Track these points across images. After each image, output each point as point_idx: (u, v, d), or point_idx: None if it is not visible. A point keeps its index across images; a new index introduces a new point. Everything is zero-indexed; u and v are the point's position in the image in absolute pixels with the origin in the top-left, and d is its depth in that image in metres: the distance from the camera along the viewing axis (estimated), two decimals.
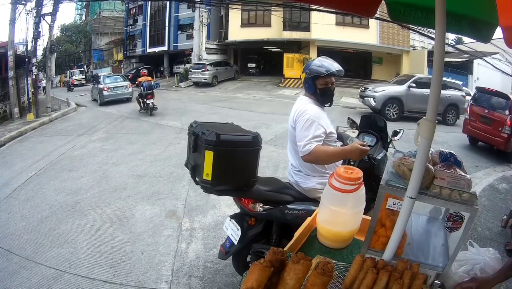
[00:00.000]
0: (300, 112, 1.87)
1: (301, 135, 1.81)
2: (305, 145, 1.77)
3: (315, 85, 1.92)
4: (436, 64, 0.95)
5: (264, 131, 6.74)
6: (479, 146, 7.02)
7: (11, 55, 9.41)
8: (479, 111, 6.59)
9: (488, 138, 6.36)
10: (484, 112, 6.46)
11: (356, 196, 1.22)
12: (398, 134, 2.43)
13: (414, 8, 1.37)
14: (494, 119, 6.20)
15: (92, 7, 29.66)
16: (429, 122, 0.95)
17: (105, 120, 8.97)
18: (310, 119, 1.80)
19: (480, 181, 4.84)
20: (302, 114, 1.85)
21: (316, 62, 1.92)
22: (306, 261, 0.82)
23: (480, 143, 6.94)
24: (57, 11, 11.02)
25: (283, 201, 1.92)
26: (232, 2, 13.68)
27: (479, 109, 6.62)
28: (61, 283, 2.35)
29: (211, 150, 1.56)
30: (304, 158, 1.80)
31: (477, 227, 3.31)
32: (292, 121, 1.92)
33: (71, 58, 32.11)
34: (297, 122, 1.86)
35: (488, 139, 6.38)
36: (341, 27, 16.40)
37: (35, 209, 3.61)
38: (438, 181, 0.99)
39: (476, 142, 7.05)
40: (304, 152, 1.77)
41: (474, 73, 18.11)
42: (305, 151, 1.76)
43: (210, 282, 2.35)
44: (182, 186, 4.13)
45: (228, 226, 2.00)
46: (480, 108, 6.60)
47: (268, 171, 4.56)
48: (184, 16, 20.90)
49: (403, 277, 0.91)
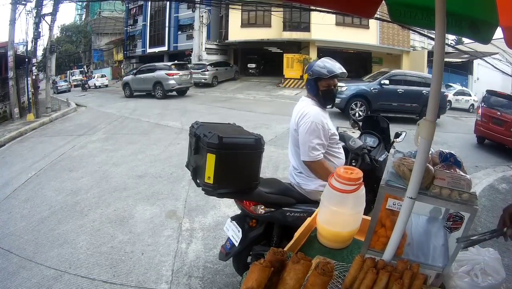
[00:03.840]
0: (302, 114, 1.87)
1: (305, 139, 1.81)
2: (312, 149, 1.78)
3: (317, 87, 1.91)
4: (436, 64, 0.96)
5: (264, 131, 6.74)
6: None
7: (11, 56, 9.41)
8: (491, 113, 7.07)
9: (500, 139, 6.81)
10: (496, 114, 6.94)
11: (356, 196, 1.22)
12: (400, 136, 2.43)
13: (415, 9, 1.37)
14: (506, 121, 6.65)
15: (92, 7, 29.68)
16: (429, 122, 0.95)
17: (105, 120, 8.97)
18: (314, 122, 1.81)
19: (480, 181, 4.84)
20: (305, 116, 1.85)
21: (319, 64, 1.91)
22: (306, 261, 0.82)
23: (486, 141, 7.44)
24: (57, 11, 11.05)
25: (284, 203, 1.91)
26: (232, 3, 13.68)
27: (491, 111, 7.12)
28: (61, 284, 2.35)
29: (213, 153, 1.54)
30: (307, 162, 1.81)
31: (477, 227, 3.30)
32: (295, 124, 1.91)
33: (71, 59, 32.13)
34: (300, 125, 1.86)
35: (500, 139, 6.85)
36: (341, 28, 16.41)
37: (35, 209, 3.61)
38: (438, 181, 0.99)
39: (483, 141, 7.53)
40: (311, 158, 1.79)
41: (474, 73, 18.14)
42: (312, 157, 1.79)
43: (210, 282, 2.35)
44: (182, 186, 4.13)
45: (229, 227, 1.99)
46: (492, 110, 7.11)
47: (268, 171, 4.56)
48: (184, 17, 20.91)
49: (403, 277, 0.91)
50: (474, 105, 15.84)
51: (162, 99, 12.88)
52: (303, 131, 1.83)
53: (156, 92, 12.64)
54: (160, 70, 12.71)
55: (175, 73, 12.25)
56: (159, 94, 12.51)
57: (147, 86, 12.95)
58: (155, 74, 12.62)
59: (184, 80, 12.68)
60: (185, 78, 12.67)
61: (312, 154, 1.80)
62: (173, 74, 12.17)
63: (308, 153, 1.82)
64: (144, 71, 13.59)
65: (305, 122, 1.83)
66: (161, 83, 12.21)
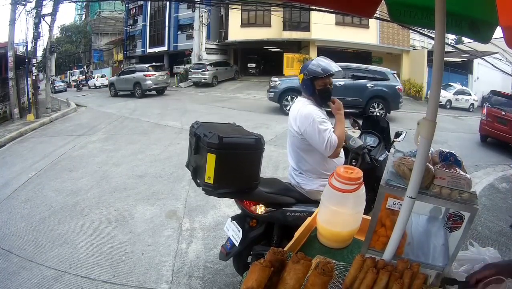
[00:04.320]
0: (302, 116, 1.85)
1: (319, 139, 1.80)
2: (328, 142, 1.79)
3: (313, 86, 1.90)
4: (436, 64, 0.95)
5: (264, 131, 6.74)
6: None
7: (11, 56, 9.41)
8: (496, 113, 7.41)
9: (504, 137, 7.16)
10: (501, 114, 7.28)
11: (356, 196, 1.22)
12: (400, 135, 2.43)
13: (415, 9, 1.37)
14: (510, 120, 6.95)
15: (92, 8, 29.68)
16: (429, 122, 0.95)
17: (105, 120, 8.97)
18: (316, 120, 1.81)
19: (480, 180, 4.84)
20: (307, 118, 1.83)
21: (314, 63, 1.91)
22: (306, 261, 0.82)
23: (489, 139, 7.83)
24: (57, 12, 11.05)
25: (285, 203, 1.91)
26: (232, 2, 13.68)
27: (495, 111, 7.47)
28: (61, 284, 2.35)
29: (213, 152, 1.54)
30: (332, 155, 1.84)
31: (477, 227, 3.31)
32: (297, 128, 1.88)
33: (71, 59, 32.13)
34: (305, 129, 1.83)
35: (504, 138, 7.19)
36: (341, 27, 16.41)
37: (35, 210, 3.61)
38: (438, 180, 0.99)
39: (486, 139, 7.90)
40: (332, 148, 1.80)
41: (474, 73, 18.12)
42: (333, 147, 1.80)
43: (210, 282, 2.35)
44: (182, 186, 4.13)
45: (229, 227, 1.99)
46: (497, 110, 7.47)
47: (268, 171, 4.56)
48: (184, 16, 20.91)
49: (403, 276, 0.91)
50: (474, 104, 15.83)
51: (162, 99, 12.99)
52: (313, 133, 1.81)
53: (136, 92, 13.66)
54: (139, 71, 13.94)
55: (152, 74, 13.45)
56: (138, 93, 13.56)
57: (128, 86, 14.02)
58: (135, 75, 13.79)
59: (161, 80, 13.81)
60: (161, 78, 13.83)
61: (331, 145, 1.80)
62: (150, 75, 13.40)
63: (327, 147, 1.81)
64: (126, 73, 14.73)
65: (310, 124, 1.81)
66: (140, 83, 13.43)
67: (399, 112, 10.26)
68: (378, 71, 9.95)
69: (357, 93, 9.29)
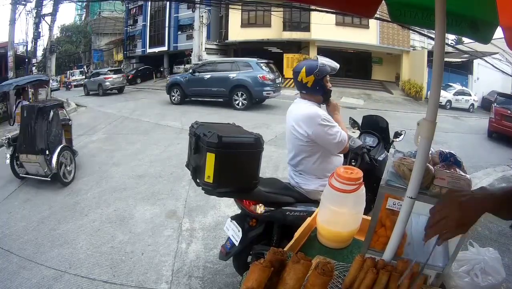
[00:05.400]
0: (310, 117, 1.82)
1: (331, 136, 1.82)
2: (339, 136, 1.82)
3: (324, 86, 1.90)
4: (436, 64, 0.95)
5: (264, 131, 6.73)
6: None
7: (11, 56, 9.44)
8: (503, 112, 8.43)
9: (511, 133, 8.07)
10: (507, 113, 8.31)
11: (356, 196, 1.22)
12: (400, 136, 2.43)
13: (415, 9, 1.37)
14: None
15: (92, 8, 29.63)
16: (429, 122, 0.95)
17: (105, 120, 8.97)
18: (324, 119, 1.81)
19: (480, 181, 4.84)
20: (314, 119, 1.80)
21: (321, 63, 1.88)
22: (306, 261, 0.81)
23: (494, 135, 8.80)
24: (57, 12, 11.10)
25: (284, 202, 1.91)
26: (232, 3, 13.68)
27: (503, 110, 8.51)
28: (61, 284, 2.35)
29: (213, 152, 1.55)
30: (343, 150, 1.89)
31: (477, 227, 3.30)
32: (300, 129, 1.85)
33: (71, 59, 32.10)
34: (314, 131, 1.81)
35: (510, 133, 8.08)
36: (341, 27, 16.40)
37: (35, 209, 3.61)
38: (438, 181, 0.99)
39: (492, 134, 8.87)
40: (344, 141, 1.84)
41: (474, 73, 18.13)
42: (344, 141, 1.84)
43: (210, 282, 2.35)
44: (182, 186, 4.13)
45: (229, 227, 1.99)
46: (504, 109, 8.49)
47: (268, 171, 4.56)
48: (184, 17, 20.89)
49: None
50: (474, 105, 15.83)
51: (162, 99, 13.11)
52: (322, 133, 1.80)
53: (99, 91, 16.77)
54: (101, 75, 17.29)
55: (110, 77, 16.71)
56: (100, 92, 16.63)
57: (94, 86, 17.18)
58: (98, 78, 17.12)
59: (117, 82, 17.03)
60: (118, 80, 17.08)
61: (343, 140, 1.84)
62: (108, 77, 16.64)
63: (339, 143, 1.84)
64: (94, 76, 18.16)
65: (319, 124, 1.79)
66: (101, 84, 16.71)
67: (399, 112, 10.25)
68: (244, 62, 10.71)
69: (221, 84, 10.28)
